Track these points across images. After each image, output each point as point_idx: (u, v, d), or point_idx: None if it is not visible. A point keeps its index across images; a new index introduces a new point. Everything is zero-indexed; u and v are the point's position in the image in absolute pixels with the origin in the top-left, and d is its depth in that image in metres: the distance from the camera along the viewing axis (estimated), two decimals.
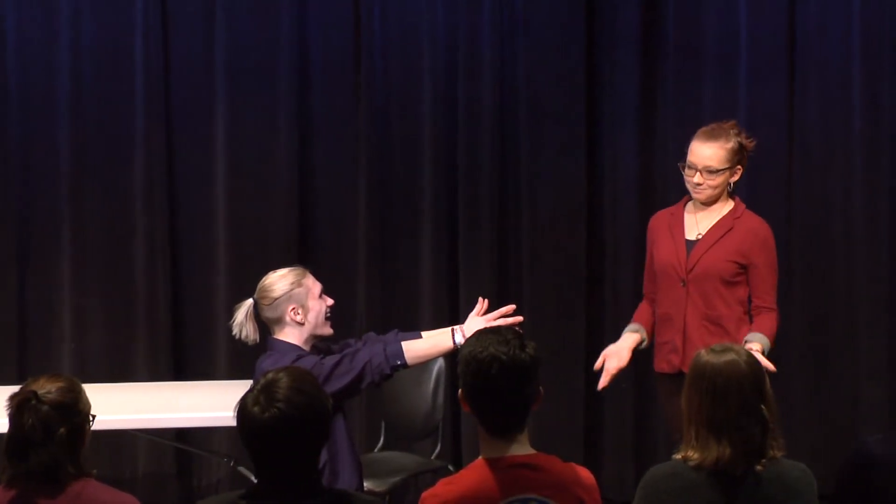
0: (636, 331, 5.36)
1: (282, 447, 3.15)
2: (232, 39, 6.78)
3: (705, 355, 3.50)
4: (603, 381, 5.22)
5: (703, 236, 5.26)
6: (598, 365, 5.27)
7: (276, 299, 4.66)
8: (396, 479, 5.82)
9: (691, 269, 5.23)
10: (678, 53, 6.86)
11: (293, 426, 3.14)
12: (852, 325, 6.86)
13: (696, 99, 6.85)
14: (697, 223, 5.30)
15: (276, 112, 6.82)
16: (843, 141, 6.84)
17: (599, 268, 6.94)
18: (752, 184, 6.81)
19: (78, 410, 3.48)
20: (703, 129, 5.28)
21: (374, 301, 6.85)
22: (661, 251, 5.32)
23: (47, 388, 3.46)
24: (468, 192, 6.86)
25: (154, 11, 6.71)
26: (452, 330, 4.68)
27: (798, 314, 6.82)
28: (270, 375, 3.22)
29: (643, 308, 5.43)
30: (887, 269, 6.83)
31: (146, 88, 6.75)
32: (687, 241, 5.28)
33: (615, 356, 5.26)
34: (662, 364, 5.33)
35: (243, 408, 3.19)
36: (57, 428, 3.43)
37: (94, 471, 3.51)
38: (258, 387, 3.19)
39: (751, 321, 5.24)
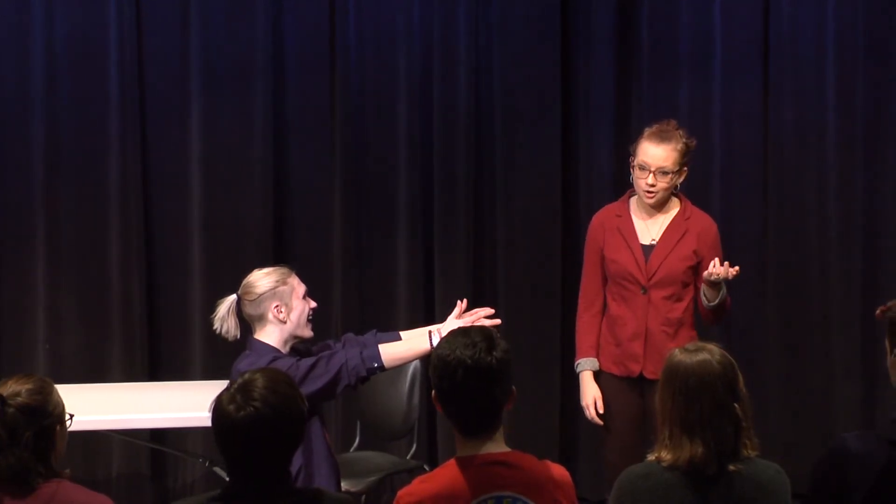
0: (595, 367, 5.35)
1: (255, 447, 3.14)
2: (207, 39, 6.76)
3: (678, 355, 3.50)
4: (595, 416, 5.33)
5: (659, 241, 5.27)
6: (594, 415, 5.33)
7: (260, 296, 4.63)
8: (372, 478, 5.83)
9: (652, 276, 5.24)
10: (653, 53, 6.88)
11: (267, 427, 3.13)
12: (826, 324, 6.87)
13: (671, 98, 6.86)
14: (648, 227, 5.30)
15: (251, 112, 6.81)
16: (818, 139, 6.86)
17: (575, 267, 6.93)
18: (726, 181, 6.84)
19: (47, 413, 3.42)
20: (652, 130, 5.27)
21: (350, 300, 6.84)
22: (617, 257, 5.30)
23: (15, 390, 3.41)
24: (444, 192, 6.86)
25: (128, 10, 6.69)
26: (430, 332, 4.67)
27: (772, 312, 6.84)
28: (247, 375, 3.22)
29: (590, 331, 5.38)
30: (861, 267, 6.85)
31: (120, 88, 6.72)
32: (643, 245, 5.28)
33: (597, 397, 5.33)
34: (611, 366, 5.34)
35: (218, 406, 3.18)
36: (23, 431, 3.37)
37: (68, 472, 3.47)
38: (234, 386, 3.19)
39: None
